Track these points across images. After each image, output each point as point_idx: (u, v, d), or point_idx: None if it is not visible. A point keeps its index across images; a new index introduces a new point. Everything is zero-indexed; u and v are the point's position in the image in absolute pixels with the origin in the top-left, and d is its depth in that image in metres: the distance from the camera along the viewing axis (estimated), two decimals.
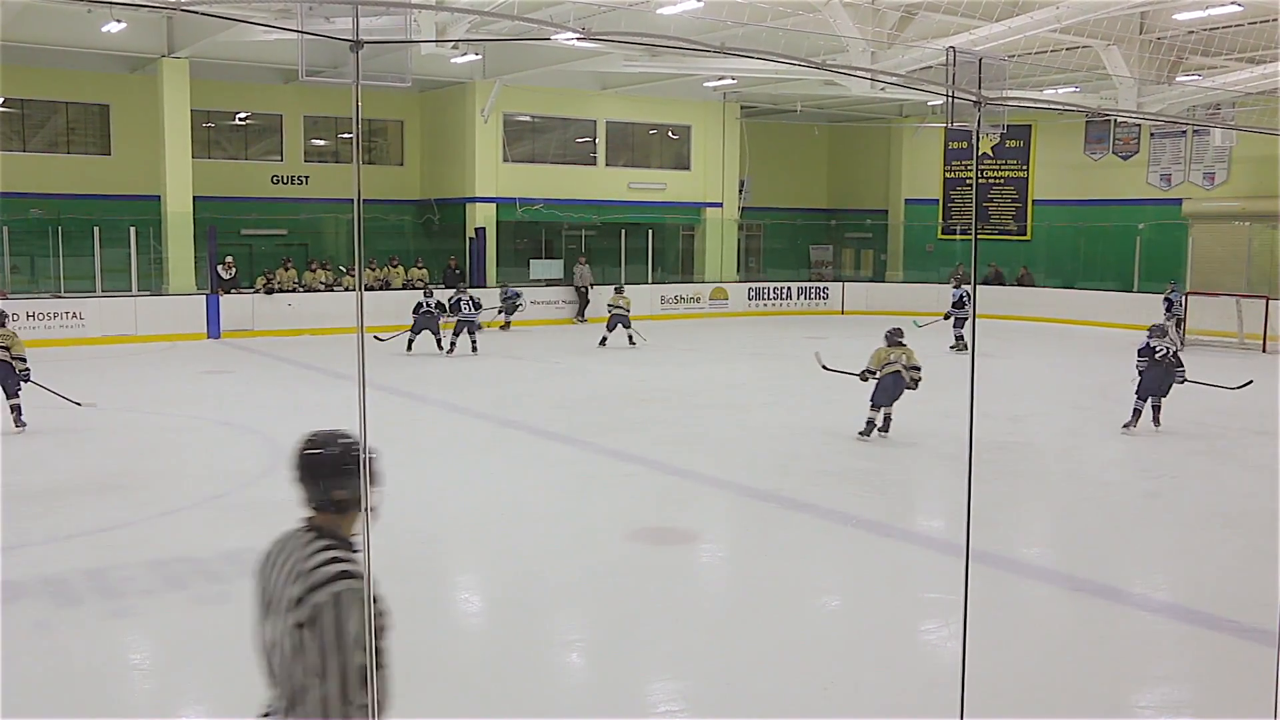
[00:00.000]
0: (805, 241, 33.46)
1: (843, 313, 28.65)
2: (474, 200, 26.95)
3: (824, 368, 13.69)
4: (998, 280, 28.63)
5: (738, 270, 30.69)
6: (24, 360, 12.34)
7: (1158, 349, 13.14)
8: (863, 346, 20.21)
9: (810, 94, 28.34)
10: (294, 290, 23.96)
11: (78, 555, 7.86)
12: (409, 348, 19.78)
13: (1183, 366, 13.14)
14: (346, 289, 24.77)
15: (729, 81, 27.23)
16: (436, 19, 19.06)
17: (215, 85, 25.11)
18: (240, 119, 27.66)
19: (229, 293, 23.02)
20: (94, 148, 25.70)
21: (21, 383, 12.31)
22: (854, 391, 16.22)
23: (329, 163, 28.33)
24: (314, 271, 24.83)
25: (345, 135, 28.66)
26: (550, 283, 27.34)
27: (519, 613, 6.93)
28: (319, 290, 24.41)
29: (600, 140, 29.14)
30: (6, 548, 7.97)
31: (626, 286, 23.30)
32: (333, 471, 3.24)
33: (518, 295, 24.15)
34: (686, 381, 16.94)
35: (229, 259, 23.58)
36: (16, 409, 12.37)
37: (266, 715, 3.34)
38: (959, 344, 20.50)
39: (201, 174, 24.01)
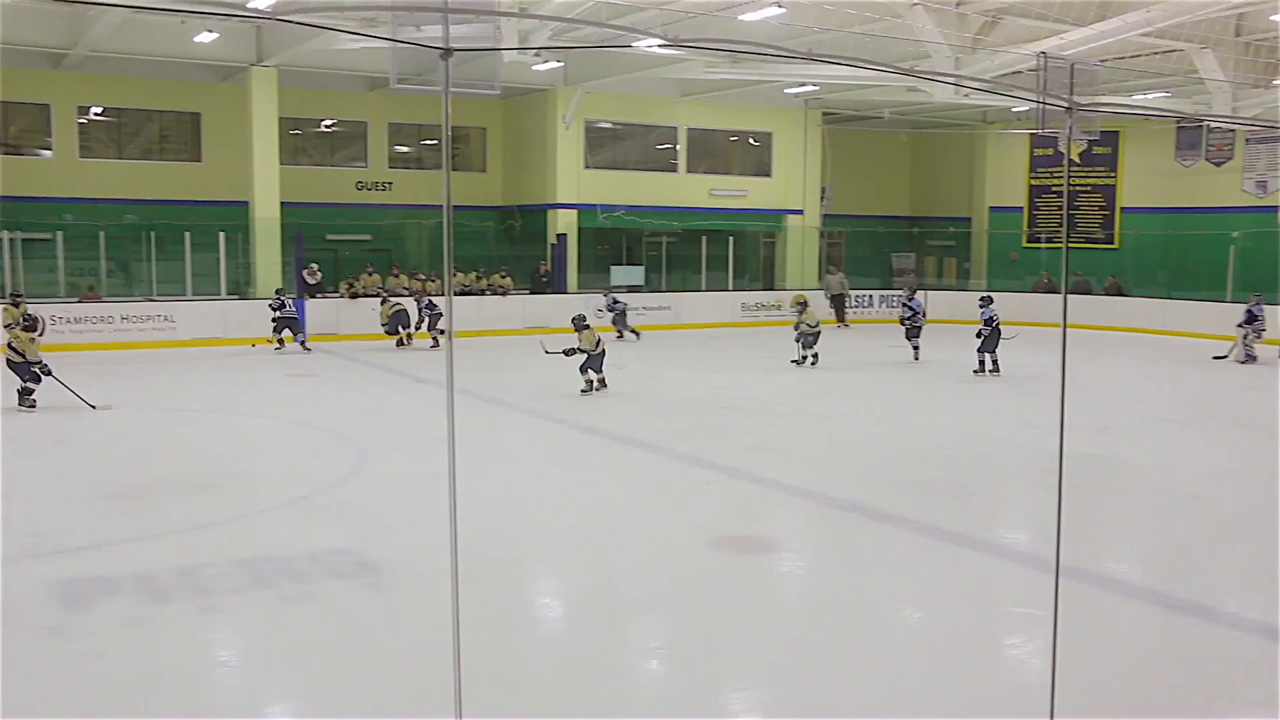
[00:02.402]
0: (887, 249, 33.15)
1: (925, 320, 28.30)
2: (555, 207, 27.12)
3: (546, 352, 16.26)
4: (1084, 290, 28.13)
5: (819, 278, 30.52)
6: (39, 361, 13.85)
7: (994, 319, 17.95)
8: (941, 354, 20.06)
9: (892, 100, 28.12)
10: (377, 295, 24.25)
11: (170, 553, 8.03)
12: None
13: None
14: (430, 294, 25.02)
15: (810, 88, 27.10)
16: (519, 26, 19.23)
17: (302, 93, 25.57)
18: (326, 126, 28.14)
19: (314, 297, 23.39)
20: (185, 155, 26.31)
21: (40, 375, 13.78)
22: (938, 402, 16.05)
23: (412, 169, 28.69)
24: (396, 277, 25.13)
25: (428, 142, 29.01)
26: (631, 289, 27.40)
27: (598, 619, 6.93)
28: (402, 295, 24.66)
29: (681, 147, 29.17)
30: (103, 544, 8.19)
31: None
32: None
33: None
34: (767, 389, 16.85)
35: (313, 265, 23.95)
36: (28, 391, 13.82)
37: None
38: (916, 353, 20.25)
39: (288, 180, 24.44)
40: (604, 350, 15.93)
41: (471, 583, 7.14)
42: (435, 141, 29.10)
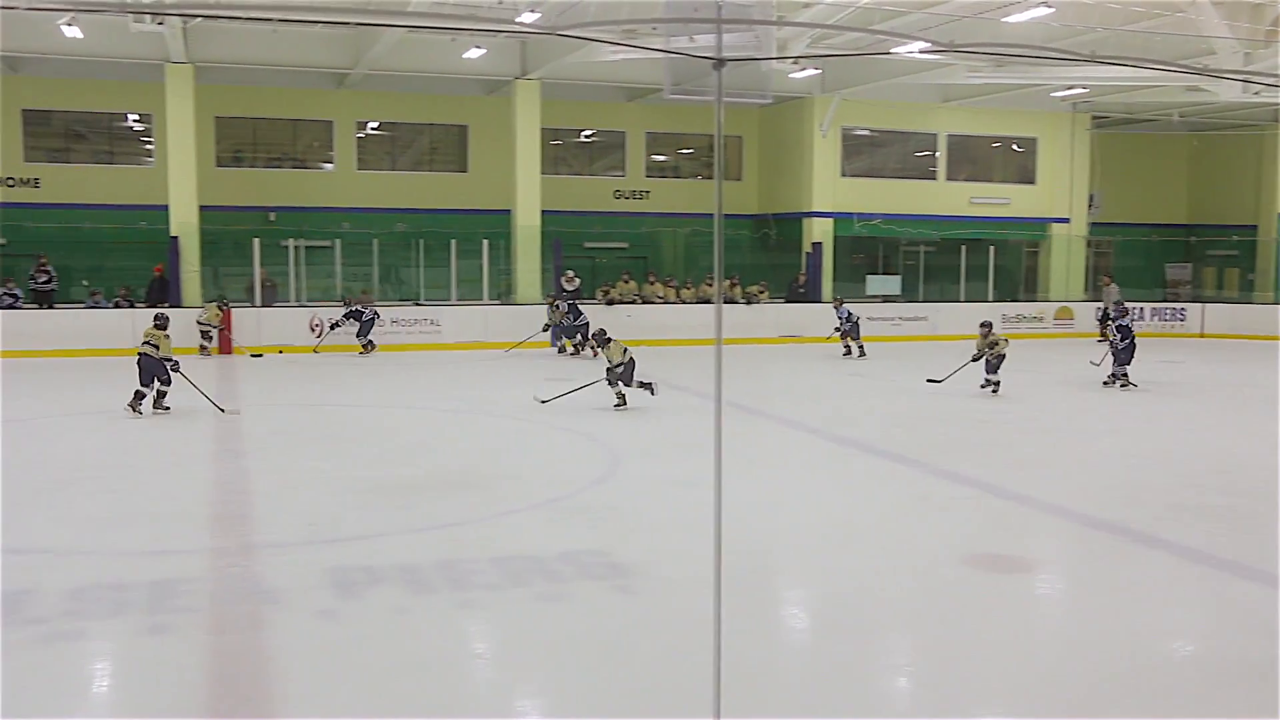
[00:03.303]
0: (1160, 259, 31.40)
1: (1201, 335, 26.70)
2: (811, 215, 26.96)
3: (542, 402, 14.96)
4: None
5: (1085, 289, 29.19)
6: (170, 359, 13.94)
7: (1129, 329, 17.05)
8: (1209, 371, 18.80)
9: (1169, 101, 26.63)
10: (633, 302, 24.70)
11: (431, 547, 8.38)
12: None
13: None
14: (684, 302, 25.31)
15: (1079, 90, 25.99)
16: (778, 34, 19.22)
17: (563, 105, 26.32)
18: (585, 136, 28.86)
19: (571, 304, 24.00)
20: (453, 166, 27.51)
21: (170, 374, 13.86)
22: (1199, 422, 15.12)
23: (669, 178, 29.10)
24: (652, 284, 25.52)
25: (684, 150, 29.36)
26: (888, 299, 26.93)
27: (848, 630, 6.82)
28: (656, 302, 25.04)
29: (941, 154, 28.51)
30: (370, 535, 8.63)
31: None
32: None
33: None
34: (1029, 405, 16.25)
35: (570, 272, 24.58)
36: (161, 394, 13.99)
37: None
38: (1119, 379, 17.54)
39: (549, 189, 25.21)
40: (633, 361, 15.03)
41: (723, 588, 7.16)
42: (691, 150, 29.44)
